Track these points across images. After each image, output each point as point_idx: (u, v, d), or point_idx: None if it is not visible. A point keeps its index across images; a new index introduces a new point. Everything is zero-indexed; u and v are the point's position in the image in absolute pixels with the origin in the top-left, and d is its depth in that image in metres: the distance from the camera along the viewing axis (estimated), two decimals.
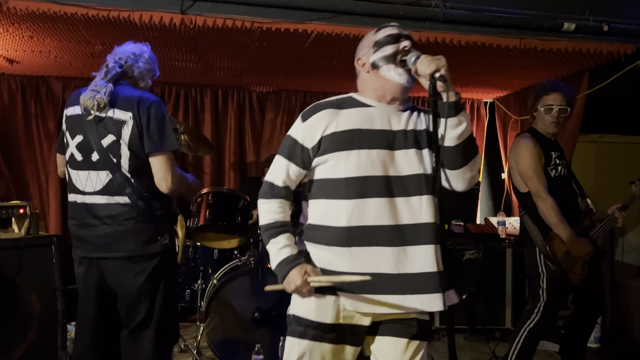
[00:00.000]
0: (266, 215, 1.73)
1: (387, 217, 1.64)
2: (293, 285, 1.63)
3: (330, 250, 1.68)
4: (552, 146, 2.86)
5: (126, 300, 2.26)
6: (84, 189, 2.22)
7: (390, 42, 1.69)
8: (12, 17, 2.86)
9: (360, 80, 1.80)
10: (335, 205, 1.68)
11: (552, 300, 2.80)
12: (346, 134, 1.67)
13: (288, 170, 1.74)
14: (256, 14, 2.93)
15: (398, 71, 1.67)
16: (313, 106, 1.76)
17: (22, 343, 2.83)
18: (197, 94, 4.71)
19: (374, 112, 1.72)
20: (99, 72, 2.28)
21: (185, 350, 3.66)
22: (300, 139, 1.72)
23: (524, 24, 3.14)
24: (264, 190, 1.77)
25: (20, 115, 4.33)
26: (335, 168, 1.67)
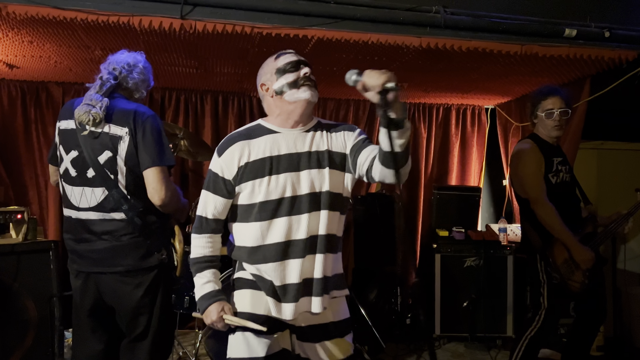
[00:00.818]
0: (195, 250, 1.91)
1: (292, 233, 1.83)
2: (209, 319, 1.85)
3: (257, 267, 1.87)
4: (554, 152, 2.84)
5: (125, 314, 2.25)
6: (78, 205, 2.21)
7: (291, 70, 1.85)
8: (12, 22, 2.85)
9: (266, 104, 1.96)
10: (251, 227, 1.86)
11: (553, 308, 2.78)
12: (257, 162, 1.85)
13: (215, 203, 1.89)
14: (256, 19, 2.92)
15: (301, 90, 1.83)
16: (225, 140, 1.90)
17: (18, 350, 2.81)
18: (197, 99, 4.70)
19: (280, 137, 1.88)
20: (93, 84, 2.25)
21: (184, 357, 3.63)
22: (220, 172, 1.88)
23: (525, 30, 3.13)
24: (196, 225, 1.92)
25: (20, 120, 4.32)
26: (251, 194, 1.84)
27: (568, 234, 2.66)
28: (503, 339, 4.13)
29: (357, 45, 3.15)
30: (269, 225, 1.84)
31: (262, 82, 1.92)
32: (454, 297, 4.15)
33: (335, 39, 3.04)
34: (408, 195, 5.07)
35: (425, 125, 5.08)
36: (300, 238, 1.83)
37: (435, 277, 4.19)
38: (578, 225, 2.77)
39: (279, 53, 1.92)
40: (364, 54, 3.38)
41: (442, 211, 4.52)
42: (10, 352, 2.77)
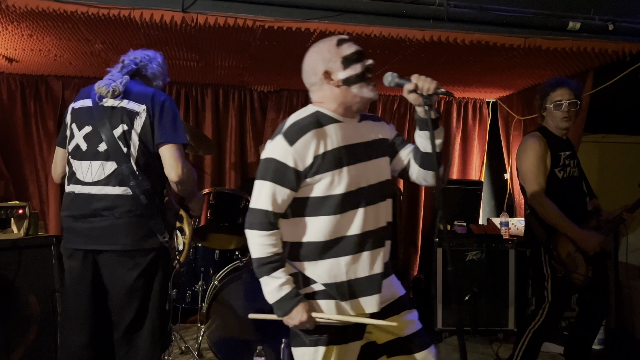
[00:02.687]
0: (264, 249, 1.73)
1: (370, 223, 1.79)
2: (297, 320, 1.71)
3: (324, 264, 1.76)
4: (563, 145, 2.82)
5: (117, 297, 2.20)
6: (84, 179, 2.20)
7: (358, 60, 1.78)
8: (12, 15, 2.83)
9: (322, 93, 1.82)
10: (328, 220, 1.75)
11: (557, 301, 2.77)
12: (335, 152, 1.75)
13: (282, 196, 1.74)
14: (258, 12, 2.90)
15: (369, 88, 1.79)
16: (295, 128, 1.75)
17: (21, 345, 2.80)
18: (197, 93, 4.68)
19: (345, 127, 1.82)
20: (114, 67, 2.34)
21: (186, 351, 3.63)
22: (292, 163, 1.72)
23: (529, 23, 3.12)
24: (260, 221, 1.73)
25: (20, 114, 4.30)
26: (330, 186, 1.74)
27: (569, 224, 2.65)
28: (505, 333, 4.13)
29: (360, 39, 3.13)
30: (345, 218, 1.75)
31: (325, 69, 1.78)
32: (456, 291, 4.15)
33: (338, 32, 3.02)
34: (409, 189, 5.06)
35: None
36: (376, 228, 1.80)
37: (436, 271, 4.18)
38: (583, 220, 2.76)
39: (339, 39, 1.80)
40: (366, 47, 3.32)
41: (444, 205, 4.51)
42: (13, 347, 2.77)
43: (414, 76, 1.74)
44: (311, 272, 1.78)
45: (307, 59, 1.84)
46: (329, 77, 1.78)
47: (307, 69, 1.84)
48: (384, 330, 1.86)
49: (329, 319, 1.74)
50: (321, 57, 1.79)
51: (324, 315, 1.75)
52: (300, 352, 1.81)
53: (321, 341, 1.76)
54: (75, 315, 2.22)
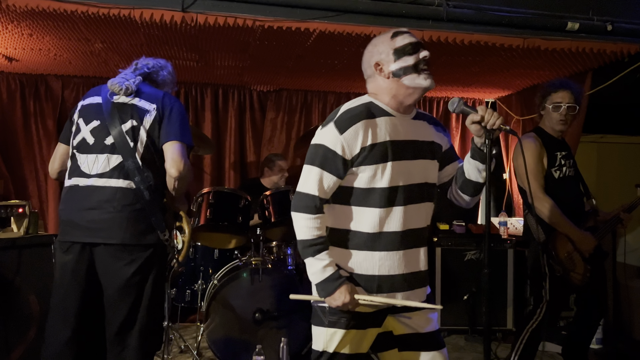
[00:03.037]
0: (311, 232, 1.76)
1: (409, 222, 1.80)
2: (340, 301, 1.73)
3: (359, 254, 1.79)
4: (559, 146, 2.83)
5: (112, 293, 2.18)
6: (90, 172, 2.21)
7: (410, 52, 1.77)
8: (12, 15, 2.83)
9: (375, 85, 1.85)
10: (369, 212, 1.77)
11: (555, 300, 2.79)
12: (382, 146, 1.76)
13: (329, 182, 1.77)
14: (258, 12, 2.91)
15: (423, 77, 1.77)
16: (346, 116, 1.77)
17: (21, 344, 2.81)
18: (197, 92, 4.68)
19: (396, 122, 1.82)
20: (128, 68, 2.42)
21: (186, 350, 3.64)
22: (340, 151, 1.74)
23: (528, 24, 3.13)
24: (306, 204, 1.77)
25: (19, 114, 4.30)
26: (372, 179, 1.76)
27: (569, 224, 2.67)
28: (503, 332, 4.15)
29: (359, 39, 3.13)
30: (388, 213, 1.76)
31: (376, 61, 1.80)
32: (455, 290, 4.16)
33: (337, 32, 3.03)
34: None
35: None
36: (416, 227, 1.81)
37: (435, 270, 4.19)
38: (580, 220, 2.77)
39: (396, 31, 1.81)
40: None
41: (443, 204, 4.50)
42: (13, 346, 2.77)
43: (481, 107, 1.75)
44: (343, 260, 1.80)
45: (365, 52, 1.88)
46: (380, 69, 1.80)
47: (364, 61, 1.87)
48: (403, 322, 1.88)
49: (371, 300, 1.76)
50: (375, 50, 1.82)
51: (366, 297, 1.76)
52: (318, 331, 1.85)
53: (339, 324, 1.79)
54: (62, 311, 2.20)
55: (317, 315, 1.85)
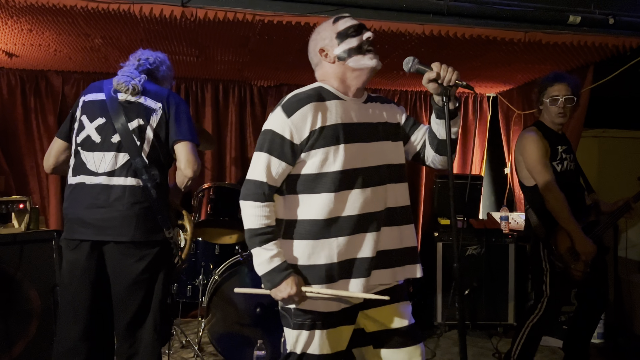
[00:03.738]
0: (257, 220, 1.71)
1: (368, 206, 1.75)
2: (286, 293, 1.68)
3: (318, 243, 1.72)
4: (559, 140, 2.83)
5: (121, 290, 2.21)
6: (97, 170, 2.22)
7: (353, 34, 1.77)
8: (11, 10, 2.83)
9: (323, 71, 1.84)
10: (322, 198, 1.72)
11: (556, 295, 2.78)
12: (332, 128, 1.71)
13: (278, 169, 1.72)
14: (257, 7, 2.89)
15: (367, 57, 1.76)
16: (294, 100, 1.73)
17: (22, 339, 2.81)
18: (197, 88, 4.67)
19: (347, 105, 1.79)
20: (127, 63, 2.39)
21: (187, 345, 3.65)
22: (288, 135, 1.70)
23: (529, 17, 3.11)
24: (254, 192, 1.71)
25: (20, 109, 4.30)
26: (324, 163, 1.71)
27: (574, 223, 2.66)
28: (504, 327, 4.15)
29: None
30: (342, 197, 1.71)
31: (320, 47, 1.80)
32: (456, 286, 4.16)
33: None
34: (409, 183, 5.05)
35: (427, 114, 5.05)
36: (377, 210, 1.76)
37: (436, 265, 4.20)
38: (582, 214, 2.77)
39: (337, 17, 1.81)
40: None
41: (444, 199, 4.52)
42: (14, 341, 2.78)
43: (435, 64, 1.72)
44: (298, 252, 1.74)
45: (310, 41, 1.88)
46: (325, 54, 1.80)
47: (309, 50, 1.87)
48: (372, 319, 1.84)
49: (318, 292, 1.71)
50: (319, 37, 1.83)
51: (313, 289, 1.71)
52: (286, 332, 1.82)
53: (305, 325, 1.75)
54: (73, 308, 2.22)
55: (284, 317, 1.82)
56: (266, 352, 3.06)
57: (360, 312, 1.83)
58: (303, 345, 1.76)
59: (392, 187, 1.82)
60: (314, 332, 1.75)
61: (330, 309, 1.75)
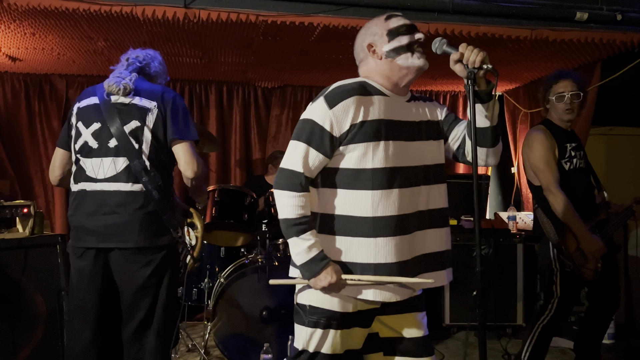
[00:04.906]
0: (294, 210, 1.67)
1: (407, 207, 1.71)
2: (326, 282, 1.65)
3: (355, 241, 1.69)
4: (568, 137, 2.79)
5: (128, 296, 2.20)
6: (96, 176, 2.19)
7: (404, 33, 1.74)
8: (13, 14, 2.82)
9: (368, 67, 1.80)
10: (360, 195, 1.68)
11: (567, 296, 2.74)
12: (374, 123, 1.68)
13: (315, 160, 1.68)
14: (261, 7, 2.88)
15: (415, 56, 1.73)
16: (338, 91, 1.69)
17: (28, 344, 2.79)
18: (201, 90, 4.66)
19: (390, 102, 1.75)
20: (117, 65, 2.35)
21: (193, 349, 3.63)
22: (328, 127, 1.66)
23: (536, 14, 3.08)
24: (290, 181, 1.68)
25: (24, 114, 4.30)
26: (363, 158, 1.67)
27: (578, 222, 2.62)
28: (513, 328, 4.11)
29: None
30: (382, 196, 1.66)
31: (369, 42, 1.76)
32: (464, 286, 4.12)
33: (342, 26, 3.00)
34: None
35: None
36: (414, 212, 1.72)
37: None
38: (591, 213, 2.73)
39: (389, 14, 1.78)
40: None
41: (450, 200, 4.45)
42: (20, 346, 2.76)
43: (462, 45, 1.67)
44: (334, 249, 1.71)
45: (357, 36, 1.84)
46: (373, 50, 1.76)
47: (356, 45, 1.83)
48: (387, 325, 1.81)
49: (359, 279, 1.67)
50: (369, 32, 1.79)
51: (353, 277, 1.68)
52: (298, 329, 1.79)
53: (320, 324, 1.73)
54: (82, 315, 2.22)
55: (298, 313, 1.79)
56: (272, 356, 3.03)
57: (377, 317, 1.80)
58: (316, 344, 1.74)
59: (430, 188, 1.78)
60: (328, 332, 1.73)
61: (346, 310, 1.72)
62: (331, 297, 1.71)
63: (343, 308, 1.72)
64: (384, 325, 1.82)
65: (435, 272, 1.78)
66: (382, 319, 1.81)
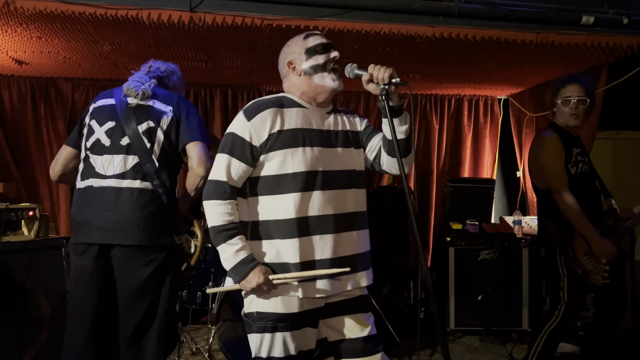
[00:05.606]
0: (221, 217, 1.77)
1: (328, 208, 1.81)
2: (255, 283, 1.73)
3: (282, 243, 1.78)
4: (574, 142, 2.77)
5: (127, 295, 2.18)
6: (105, 173, 2.20)
7: (321, 52, 1.86)
8: (20, 17, 2.83)
9: (290, 82, 1.93)
10: (283, 199, 1.78)
11: (574, 301, 2.73)
12: (291, 132, 1.80)
13: (238, 170, 1.79)
14: (266, 11, 2.88)
15: (332, 77, 1.86)
16: (255, 105, 1.83)
17: (32, 347, 2.80)
18: (206, 94, 4.67)
19: (309, 113, 1.88)
20: (140, 70, 2.41)
21: (197, 353, 3.62)
22: (248, 137, 1.78)
23: (541, 18, 3.06)
24: (215, 190, 1.79)
25: (30, 117, 4.31)
26: (283, 164, 1.78)
27: (589, 226, 2.60)
28: (519, 333, 4.08)
29: (369, 36, 3.10)
30: (303, 198, 1.78)
31: (289, 60, 1.90)
32: (469, 291, 4.10)
33: (347, 30, 2.99)
34: (420, 187, 5.02)
35: (437, 117, 5.01)
36: (341, 212, 1.82)
37: (449, 270, 4.14)
38: (598, 218, 2.70)
39: (308, 33, 1.92)
40: (375, 45, 3.32)
41: (456, 204, 4.46)
42: (25, 349, 2.77)
43: (370, 66, 1.78)
44: (262, 252, 1.80)
45: (280, 53, 1.97)
46: (292, 67, 1.89)
47: (279, 61, 1.96)
48: (333, 327, 1.87)
49: (285, 277, 1.76)
50: (289, 50, 1.92)
51: (280, 276, 1.76)
52: (250, 338, 1.85)
53: (267, 328, 1.78)
54: (80, 314, 2.20)
55: (247, 323, 1.87)
56: None
57: (322, 322, 1.87)
58: (268, 348, 1.79)
59: (353, 192, 1.88)
60: (276, 335, 1.78)
61: (291, 310, 1.78)
62: (275, 300, 1.77)
63: (288, 309, 1.78)
64: (331, 328, 1.88)
65: (362, 272, 1.88)
66: (329, 322, 1.87)
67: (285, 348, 1.78)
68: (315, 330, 1.86)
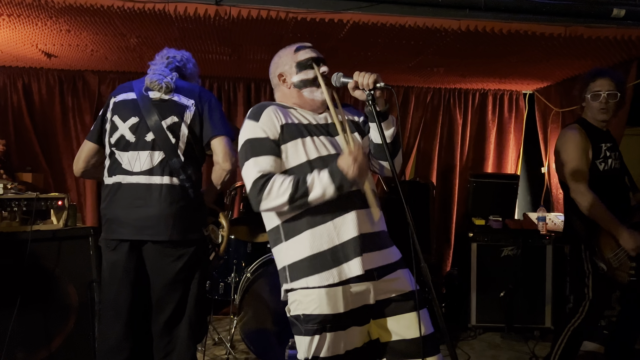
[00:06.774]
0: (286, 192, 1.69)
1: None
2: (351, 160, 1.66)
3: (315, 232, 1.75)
4: (603, 137, 2.72)
5: (159, 289, 2.24)
6: (132, 169, 2.23)
7: (311, 66, 1.87)
8: (50, 11, 2.89)
9: (281, 93, 1.95)
10: None
11: (598, 299, 2.68)
12: (294, 126, 1.82)
13: (269, 162, 1.75)
14: (291, 4, 2.89)
15: (319, 91, 1.86)
16: (256, 108, 1.84)
17: (60, 333, 2.87)
18: (230, 87, 4.70)
19: (305, 112, 1.89)
20: (157, 61, 2.40)
21: (219, 343, 3.67)
22: (263, 134, 1.77)
23: (570, 11, 3.01)
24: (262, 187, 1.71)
25: (58, 109, 4.40)
26: (297, 153, 1.77)
27: (613, 220, 2.56)
28: (541, 330, 4.04)
29: (394, 29, 3.08)
30: None
31: (280, 72, 1.91)
32: (491, 287, 4.07)
33: (371, 23, 2.98)
34: (443, 182, 4.98)
35: (460, 112, 4.97)
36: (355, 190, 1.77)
37: (470, 266, 4.11)
38: (626, 214, 2.66)
39: (299, 46, 1.92)
40: (399, 38, 3.31)
41: (479, 199, 4.42)
42: (53, 335, 2.84)
43: (355, 73, 1.80)
44: (295, 249, 1.77)
45: (271, 63, 1.98)
46: (283, 80, 1.91)
47: (270, 72, 1.97)
48: (386, 328, 1.82)
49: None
50: (280, 62, 1.93)
51: None
52: (298, 340, 1.82)
53: (315, 330, 1.75)
54: (115, 308, 2.26)
55: (294, 325, 1.82)
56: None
57: (374, 322, 1.83)
58: (315, 349, 1.77)
59: None
60: (325, 335, 1.76)
61: (337, 310, 1.75)
62: (320, 302, 1.74)
63: (334, 309, 1.74)
64: (382, 328, 1.83)
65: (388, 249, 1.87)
66: (380, 322, 1.83)
67: (333, 348, 1.76)
68: (362, 328, 1.82)
